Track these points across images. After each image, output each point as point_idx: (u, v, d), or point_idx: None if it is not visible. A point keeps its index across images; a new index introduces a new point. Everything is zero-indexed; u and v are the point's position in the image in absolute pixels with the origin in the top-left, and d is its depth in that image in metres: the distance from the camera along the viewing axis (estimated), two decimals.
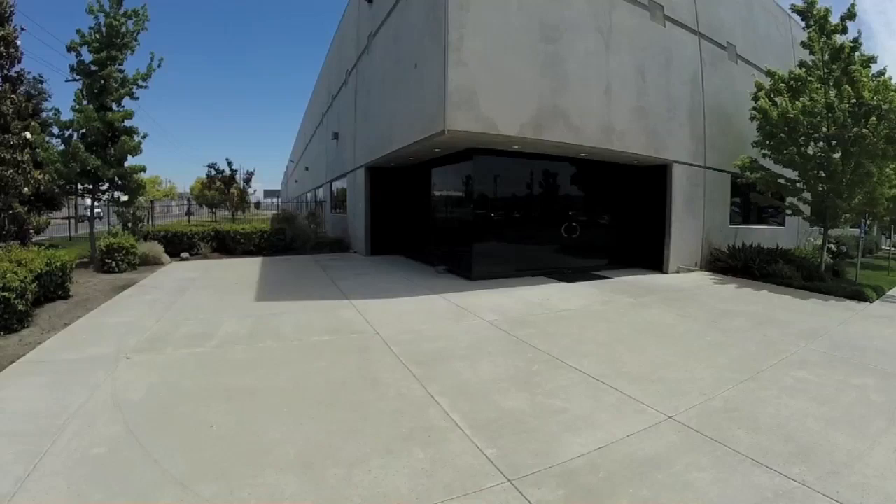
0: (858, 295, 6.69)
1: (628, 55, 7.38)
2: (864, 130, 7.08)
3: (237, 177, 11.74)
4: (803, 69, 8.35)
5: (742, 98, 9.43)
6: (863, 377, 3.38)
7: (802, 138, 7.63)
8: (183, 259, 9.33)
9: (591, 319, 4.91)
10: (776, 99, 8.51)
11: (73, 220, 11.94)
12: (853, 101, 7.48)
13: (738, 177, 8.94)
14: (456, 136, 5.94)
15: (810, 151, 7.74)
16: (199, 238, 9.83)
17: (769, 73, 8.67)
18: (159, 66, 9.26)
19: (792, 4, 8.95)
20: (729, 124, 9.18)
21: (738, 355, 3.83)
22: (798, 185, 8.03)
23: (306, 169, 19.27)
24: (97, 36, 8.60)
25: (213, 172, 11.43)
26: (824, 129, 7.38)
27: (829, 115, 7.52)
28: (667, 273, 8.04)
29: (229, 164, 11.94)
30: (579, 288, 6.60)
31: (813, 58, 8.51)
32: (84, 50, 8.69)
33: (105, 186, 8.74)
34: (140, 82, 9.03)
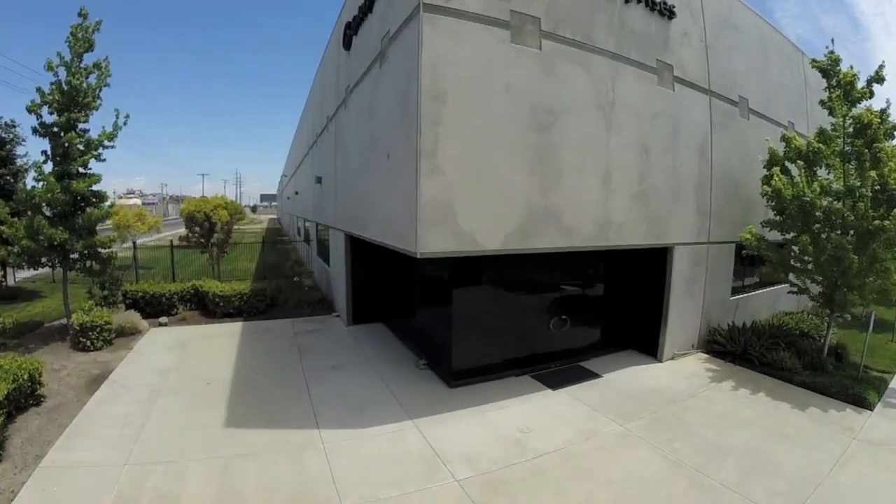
0: (859, 401, 6.19)
1: (632, 132, 6.53)
2: (886, 223, 6.34)
3: (217, 227, 11.14)
4: (821, 139, 7.48)
5: (752, 157, 8.54)
6: None
7: (817, 226, 6.89)
8: (161, 325, 8.87)
9: (571, 475, 4.44)
10: (790, 166, 7.71)
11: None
12: (877, 186, 6.70)
13: (744, 247, 8.24)
14: (431, 256, 5.26)
15: (823, 235, 7.00)
16: (178, 298, 9.39)
17: (784, 139, 7.81)
18: (125, 123, 8.53)
19: (813, 60, 7.97)
20: (737, 190, 8.35)
21: None
22: (808, 266, 7.35)
23: (296, 193, 18.48)
24: (57, 96, 7.89)
25: (193, 223, 10.84)
26: (842, 218, 6.62)
27: (849, 200, 6.74)
28: (661, 361, 7.46)
29: (208, 217, 11.31)
30: (564, 403, 5.94)
31: (832, 120, 7.63)
32: (45, 110, 8.02)
33: (76, 256, 8.25)
34: (106, 142, 8.35)
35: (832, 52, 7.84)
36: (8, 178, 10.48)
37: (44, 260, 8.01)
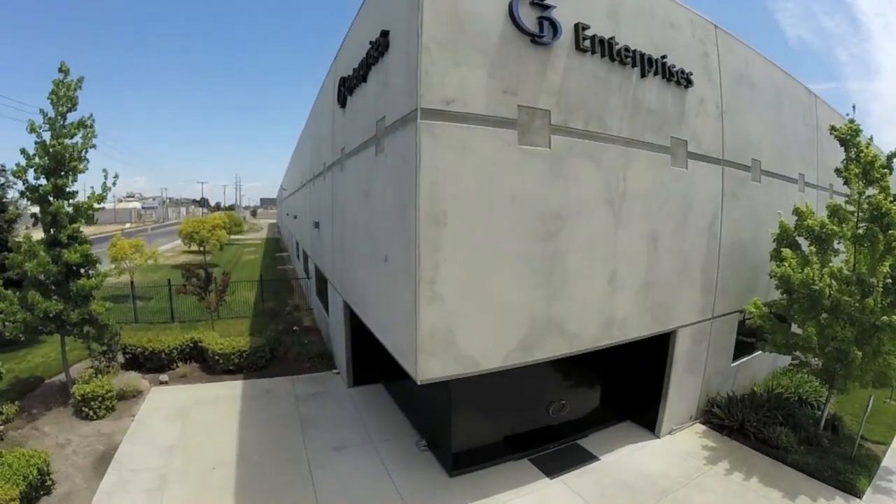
0: (849, 488, 6.17)
1: (641, 222, 6.15)
2: (894, 318, 6.14)
3: (213, 278, 10.88)
4: (834, 218, 7.14)
5: (762, 219, 8.22)
6: None
7: (825, 315, 6.67)
8: (162, 383, 8.77)
9: None
10: (801, 240, 7.41)
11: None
12: (888, 280, 6.45)
13: (748, 317, 8.05)
14: (432, 382, 4.98)
15: (828, 327, 6.75)
16: (178, 353, 9.27)
17: (796, 212, 7.46)
18: (114, 184, 8.15)
19: (832, 127, 7.52)
20: (744, 258, 8.04)
21: None
22: (810, 354, 7.15)
23: (294, 217, 17.95)
24: (43, 159, 7.48)
25: (190, 274, 10.57)
26: (849, 311, 6.39)
27: (858, 289, 6.50)
28: (659, 437, 7.38)
29: (206, 270, 10.99)
30: (559, 496, 5.89)
31: (847, 191, 7.27)
32: (31, 173, 7.61)
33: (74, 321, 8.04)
34: (95, 205, 7.99)
35: (852, 121, 7.41)
36: (1, 224, 10.13)
37: (40, 328, 7.82)
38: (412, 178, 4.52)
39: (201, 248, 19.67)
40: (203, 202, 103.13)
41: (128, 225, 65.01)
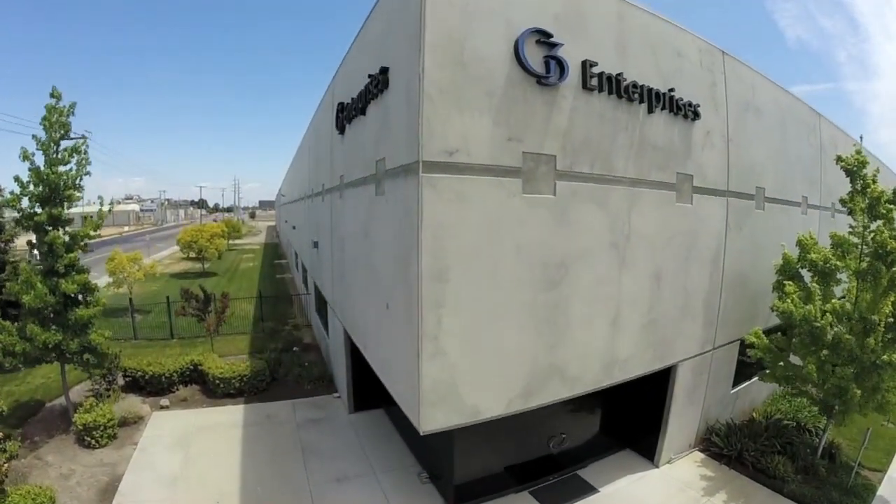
0: None
1: (645, 263, 6.04)
2: (895, 357, 6.13)
3: (213, 299, 10.78)
4: (838, 252, 7.08)
5: (765, 245, 8.16)
6: None
7: (825, 352, 6.65)
8: (163, 407, 8.76)
9: None
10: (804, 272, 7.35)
11: None
12: (890, 319, 6.42)
13: (749, 346, 8.03)
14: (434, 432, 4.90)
15: (828, 364, 6.73)
16: (178, 376, 9.24)
17: (800, 244, 7.39)
18: (110, 211, 8.03)
19: (838, 157, 7.40)
20: (745, 287, 7.98)
21: None
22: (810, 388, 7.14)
23: (294, 228, 17.72)
24: (38, 187, 7.33)
25: (189, 296, 10.45)
26: (849, 350, 6.37)
27: (860, 325, 6.47)
28: (658, 466, 7.41)
29: (205, 292, 10.87)
30: None
31: (853, 223, 7.20)
32: (25, 201, 7.46)
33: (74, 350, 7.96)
34: (91, 232, 7.86)
35: (859, 152, 7.29)
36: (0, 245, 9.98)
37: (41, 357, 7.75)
38: (414, 234, 4.42)
39: (200, 256, 19.54)
40: (201, 203, 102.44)
41: (126, 228, 64.35)
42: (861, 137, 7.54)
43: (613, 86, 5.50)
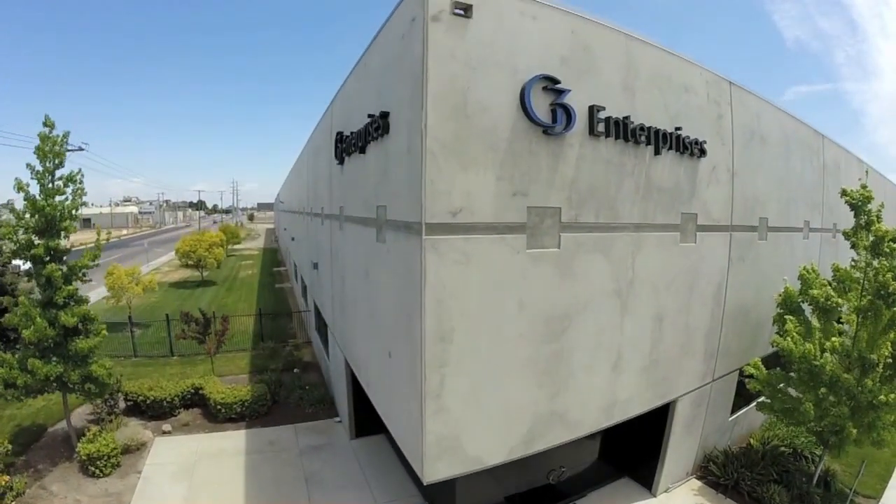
0: None
1: (648, 306, 6.01)
2: (892, 397, 6.20)
3: (212, 323, 10.75)
4: (839, 287, 7.08)
5: (766, 274, 8.18)
6: None
7: (823, 390, 6.70)
8: (165, 433, 8.81)
9: None
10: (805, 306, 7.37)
11: None
12: (889, 360, 6.46)
13: (748, 376, 8.09)
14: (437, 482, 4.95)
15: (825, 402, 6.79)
16: (179, 401, 9.26)
17: (801, 278, 7.39)
18: (107, 240, 7.94)
19: (843, 191, 7.34)
20: (747, 317, 7.99)
21: None
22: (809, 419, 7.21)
23: (293, 239, 17.54)
24: (35, 217, 7.23)
25: (188, 319, 10.41)
26: (848, 386, 6.43)
27: (858, 364, 6.52)
28: (655, 495, 7.53)
29: (203, 314, 10.80)
30: None
31: (855, 256, 7.20)
32: (20, 232, 7.37)
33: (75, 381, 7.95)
34: (90, 263, 7.78)
35: (864, 186, 7.24)
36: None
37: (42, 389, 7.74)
38: (417, 296, 4.38)
39: (198, 265, 19.42)
40: (200, 205, 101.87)
41: (125, 231, 63.55)
42: (867, 172, 7.44)
43: (621, 130, 5.42)
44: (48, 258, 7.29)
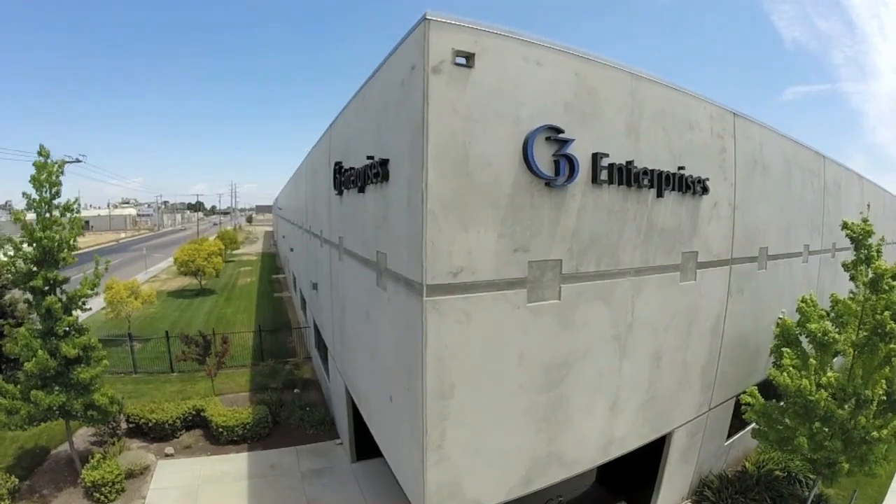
0: None
1: (646, 347, 6.08)
2: (884, 432, 6.33)
3: (212, 345, 10.78)
4: (836, 321, 7.15)
5: (765, 301, 8.27)
6: None
7: (817, 424, 6.82)
8: (167, 455, 8.94)
9: None
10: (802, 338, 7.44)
11: None
12: (883, 397, 6.56)
13: (745, 404, 8.21)
14: None
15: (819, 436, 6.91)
16: (181, 423, 9.37)
17: (800, 311, 7.44)
18: (106, 269, 7.93)
19: (844, 223, 7.34)
20: (744, 346, 8.10)
21: None
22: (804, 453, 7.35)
23: (291, 249, 17.45)
24: (32, 247, 7.21)
25: (188, 340, 10.44)
26: (842, 421, 6.55)
27: (853, 401, 6.62)
28: None
29: (203, 336, 10.82)
30: None
31: (853, 288, 7.26)
32: (20, 262, 7.35)
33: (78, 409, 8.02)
34: (88, 291, 7.78)
35: (866, 220, 7.25)
36: None
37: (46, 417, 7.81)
38: (418, 355, 4.42)
39: (197, 273, 19.37)
40: (198, 207, 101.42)
41: (123, 235, 62.86)
42: (868, 205, 7.45)
43: (624, 176, 5.40)
44: (47, 288, 7.29)
